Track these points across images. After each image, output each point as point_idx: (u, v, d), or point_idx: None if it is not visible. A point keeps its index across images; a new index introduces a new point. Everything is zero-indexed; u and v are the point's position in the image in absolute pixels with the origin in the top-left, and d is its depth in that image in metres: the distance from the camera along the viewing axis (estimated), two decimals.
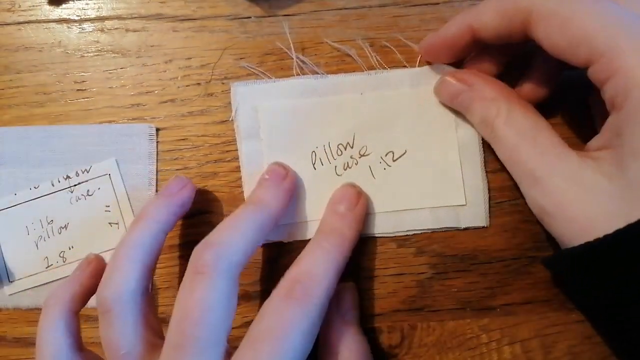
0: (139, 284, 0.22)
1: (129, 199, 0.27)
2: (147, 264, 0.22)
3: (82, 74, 0.28)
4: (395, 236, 0.26)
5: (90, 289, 0.23)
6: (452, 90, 0.24)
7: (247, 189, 0.26)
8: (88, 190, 0.27)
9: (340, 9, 0.27)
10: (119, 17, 0.28)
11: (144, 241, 0.22)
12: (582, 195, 0.19)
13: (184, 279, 0.20)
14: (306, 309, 0.20)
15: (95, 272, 0.23)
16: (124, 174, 0.27)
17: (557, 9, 0.19)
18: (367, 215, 0.26)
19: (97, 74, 0.28)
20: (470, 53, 0.25)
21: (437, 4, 0.27)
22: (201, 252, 0.20)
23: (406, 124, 0.26)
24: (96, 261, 0.24)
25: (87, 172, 0.27)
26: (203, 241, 0.21)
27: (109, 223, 0.27)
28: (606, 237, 0.18)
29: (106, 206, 0.27)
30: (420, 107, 0.26)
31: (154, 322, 0.23)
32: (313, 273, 0.21)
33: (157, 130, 0.27)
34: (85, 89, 0.27)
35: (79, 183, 0.27)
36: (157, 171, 0.27)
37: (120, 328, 0.21)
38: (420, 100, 0.26)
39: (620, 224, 0.18)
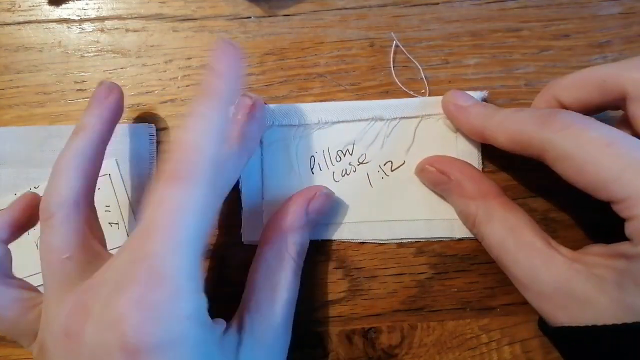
0: (83, 192, 0.22)
1: (129, 199, 0.27)
2: (89, 173, 0.22)
3: (82, 74, 0.28)
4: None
5: (22, 223, 0.23)
6: (432, 178, 0.25)
7: (245, 187, 0.26)
8: None
9: (340, 9, 0.27)
10: (119, 17, 0.28)
11: (84, 151, 0.22)
12: (572, 304, 0.19)
13: None
14: (190, 187, 0.18)
15: (29, 206, 0.23)
16: (124, 174, 0.27)
17: (572, 153, 0.19)
18: (361, 223, 0.26)
19: (97, 74, 0.28)
20: None
21: (437, 4, 0.27)
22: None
23: (406, 136, 0.26)
24: (32, 196, 0.24)
25: None
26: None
27: (109, 223, 0.27)
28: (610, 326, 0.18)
29: (106, 206, 0.27)
30: (421, 125, 0.26)
31: (99, 233, 0.23)
32: (190, 143, 0.18)
33: (157, 130, 0.27)
34: (85, 89, 0.27)
35: None
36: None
37: (64, 232, 0.21)
38: (423, 124, 0.26)
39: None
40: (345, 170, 0.26)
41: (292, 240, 0.23)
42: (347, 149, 0.26)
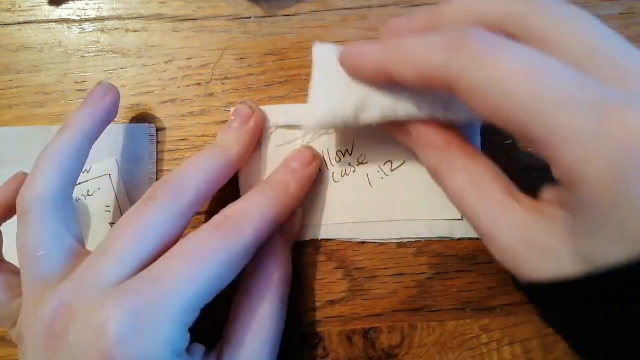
0: (61, 189, 0.22)
1: (129, 199, 0.27)
2: (70, 171, 0.22)
3: (82, 74, 0.28)
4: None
5: (14, 204, 0.22)
6: (397, 138, 0.23)
7: (244, 189, 0.26)
8: (88, 190, 0.27)
9: (341, 9, 0.27)
10: (119, 17, 0.28)
11: (68, 148, 0.22)
12: (535, 256, 0.18)
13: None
14: (231, 242, 0.20)
15: (20, 187, 0.23)
16: (124, 174, 0.27)
17: (484, 87, 0.16)
18: (361, 223, 0.26)
19: (97, 74, 0.28)
20: None
21: (437, 4, 0.27)
22: (154, 186, 0.21)
23: None
24: (23, 177, 0.23)
25: (87, 172, 0.27)
26: (162, 178, 0.22)
27: (109, 223, 0.27)
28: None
29: (106, 206, 0.27)
30: None
31: (77, 231, 0.22)
32: (248, 212, 0.21)
33: (157, 130, 0.27)
34: (85, 89, 0.27)
35: (79, 183, 0.27)
36: (157, 171, 0.27)
37: (38, 229, 0.20)
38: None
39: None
40: (345, 170, 0.26)
41: (273, 266, 0.23)
42: (347, 149, 0.26)
